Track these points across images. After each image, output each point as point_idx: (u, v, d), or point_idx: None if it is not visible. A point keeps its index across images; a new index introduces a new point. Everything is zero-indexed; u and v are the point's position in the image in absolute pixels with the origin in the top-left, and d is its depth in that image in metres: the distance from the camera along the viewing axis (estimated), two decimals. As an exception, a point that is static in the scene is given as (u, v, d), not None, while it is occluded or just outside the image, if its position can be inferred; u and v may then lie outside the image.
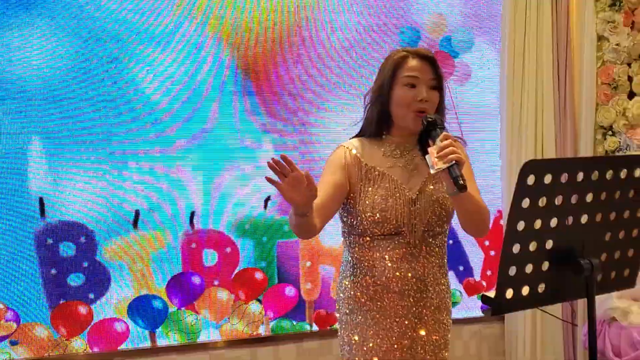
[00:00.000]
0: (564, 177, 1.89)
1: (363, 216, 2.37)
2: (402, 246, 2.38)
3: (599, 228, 2.04)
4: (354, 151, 2.44)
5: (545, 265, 1.95)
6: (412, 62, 2.39)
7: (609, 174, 1.99)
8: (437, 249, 2.44)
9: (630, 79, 4.57)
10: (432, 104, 2.37)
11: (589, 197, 1.97)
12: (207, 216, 4.01)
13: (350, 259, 2.47)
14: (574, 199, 1.94)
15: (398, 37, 4.41)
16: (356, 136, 2.53)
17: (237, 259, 4.07)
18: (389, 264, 2.38)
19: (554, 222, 1.91)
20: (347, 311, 2.46)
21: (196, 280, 3.98)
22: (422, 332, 2.44)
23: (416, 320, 2.42)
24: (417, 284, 2.40)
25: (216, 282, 4.03)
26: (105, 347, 3.82)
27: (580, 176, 1.92)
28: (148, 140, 3.88)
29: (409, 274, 2.39)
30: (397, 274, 2.38)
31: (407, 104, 2.36)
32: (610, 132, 4.55)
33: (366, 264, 2.41)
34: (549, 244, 1.94)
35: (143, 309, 3.89)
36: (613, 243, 2.09)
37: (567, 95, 4.59)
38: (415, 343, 2.43)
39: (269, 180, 2.06)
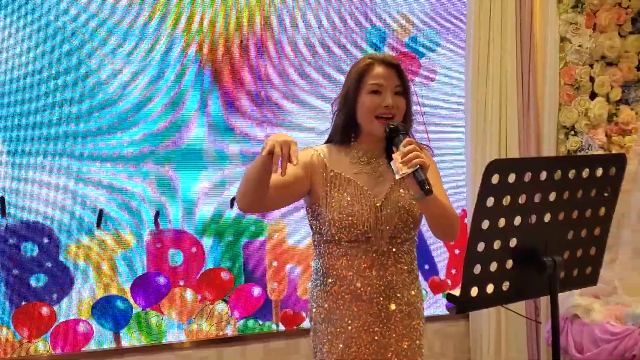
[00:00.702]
0: (527, 177, 1.90)
1: (331, 222, 2.38)
2: (370, 253, 2.40)
3: (562, 226, 2.06)
4: (321, 155, 2.46)
5: (510, 264, 1.97)
6: (378, 69, 2.41)
7: (571, 174, 2.01)
8: (405, 255, 2.46)
9: (592, 79, 4.63)
10: (398, 109, 2.40)
11: (552, 196, 1.99)
12: (172, 216, 3.98)
13: (320, 267, 2.48)
14: (537, 198, 1.96)
15: (365, 37, 4.42)
16: (325, 143, 2.54)
17: (203, 258, 4.05)
18: (358, 272, 2.40)
19: (517, 220, 1.93)
20: (319, 320, 2.48)
21: (161, 280, 3.95)
22: (392, 339, 2.44)
23: (385, 328, 2.43)
24: (386, 291, 2.42)
25: (182, 282, 4.01)
26: (69, 348, 3.77)
27: (543, 175, 1.94)
28: (112, 139, 3.85)
29: (378, 282, 2.41)
30: (366, 282, 2.40)
31: (372, 110, 2.38)
32: (572, 132, 4.61)
33: (335, 272, 2.42)
34: (513, 243, 1.95)
35: (107, 310, 3.85)
36: (575, 241, 2.11)
37: (531, 96, 4.64)
38: (385, 350, 2.44)
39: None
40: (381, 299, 2.41)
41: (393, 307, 2.43)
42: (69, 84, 3.75)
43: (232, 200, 4.09)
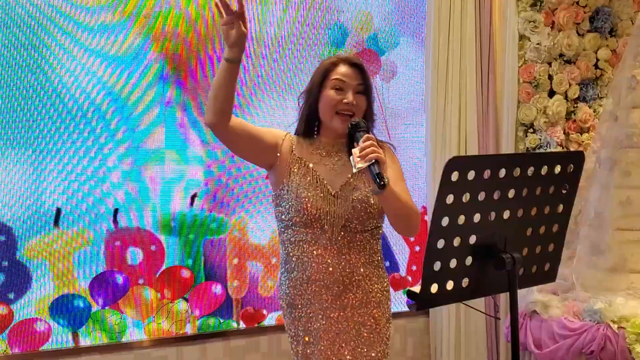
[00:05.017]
0: (486, 174, 1.92)
1: (288, 204, 2.49)
2: (324, 241, 2.49)
3: (521, 223, 2.07)
4: (291, 139, 2.61)
5: (469, 260, 1.98)
6: (342, 68, 2.54)
7: (530, 171, 2.02)
8: (361, 246, 2.52)
9: (550, 77, 4.68)
10: (358, 107, 2.52)
11: (511, 193, 2.00)
12: (131, 214, 3.93)
13: (284, 255, 2.59)
14: (496, 195, 1.97)
15: (326, 34, 4.41)
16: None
17: (163, 257, 4.01)
18: (313, 258, 2.50)
19: (477, 217, 1.94)
20: (285, 305, 2.61)
21: (120, 279, 3.90)
22: (350, 327, 2.52)
23: (342, 315, 2.51)
24: (341, 279, 2.50)
25: (141, 281, 3.96)
26: (26, 348, 3.71)
27: (502, 172, 1.95)
28: (70, 135, 3.78)
29: (332, 269, 2.49)
30: (322, 267, 2.49)
31: (333, 106, 2.51)
32: (531, 130, 4.65)
33: (294, 258, 2.53)
34: (473, 239, 1.97)
35: (65, 309, 3.80)
36: (534, 238, 2.13)
37: (490, 93, 4.68)
38: (344, 336, 2.51)
39: (216, 4, 2.28)
40: (336, 287, 2.50)
41: (348, 297, 2.52)
42: (25, 78, 3.67)
43: (193, 197, 4.06)
